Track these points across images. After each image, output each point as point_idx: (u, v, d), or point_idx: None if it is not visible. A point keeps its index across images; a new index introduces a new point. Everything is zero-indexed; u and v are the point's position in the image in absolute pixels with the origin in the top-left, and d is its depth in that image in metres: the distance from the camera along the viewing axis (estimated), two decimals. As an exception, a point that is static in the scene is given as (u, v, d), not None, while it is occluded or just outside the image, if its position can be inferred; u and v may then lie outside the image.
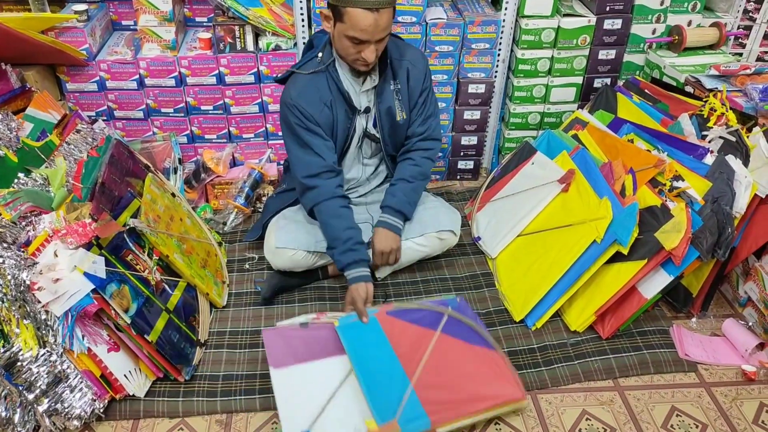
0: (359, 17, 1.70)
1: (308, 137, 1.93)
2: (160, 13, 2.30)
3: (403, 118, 2.03)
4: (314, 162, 1.93)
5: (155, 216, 1.96)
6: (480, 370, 1.76)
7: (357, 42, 1.76)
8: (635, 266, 1.88)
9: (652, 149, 2.10)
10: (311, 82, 1.92)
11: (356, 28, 1.72)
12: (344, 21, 1.73)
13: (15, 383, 1.55)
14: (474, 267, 2.26)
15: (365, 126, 2.04)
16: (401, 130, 2.07)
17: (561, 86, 2.59)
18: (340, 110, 1.95)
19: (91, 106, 2.42)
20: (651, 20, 2.50)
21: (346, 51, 1.81)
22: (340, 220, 1.93)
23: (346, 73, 1.95)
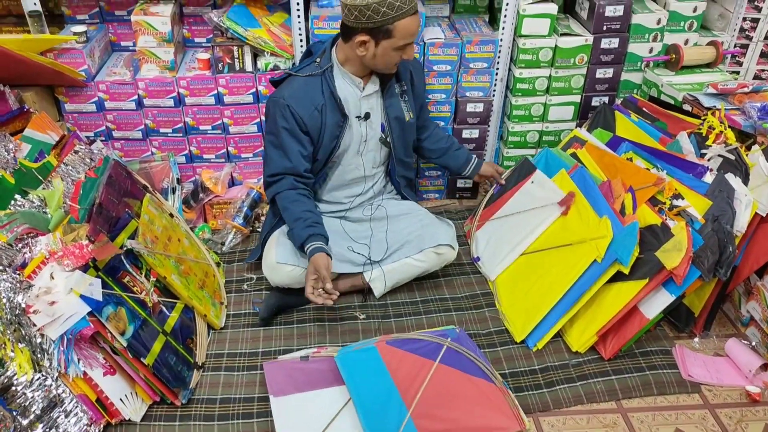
0: (408, 25, 1.82)
1: (287, 140, 1.96)
2: (159, 35, 2.30)
3: (411, 117, 2.10)
4: (282, 164, 1.99)
5: (153, 237, 1.95)
6: (478, 402, 1.75)
7: (404, 47, 1.86)
8: (636, 286, 1.87)
9: (651, 168, 2.10)
10: (305, 85, 1.96)
11: (408, 35, 1.84)
12: (393, 35, 1.82)
13: (9, 408, 1.53)
14: (474, 287, 2.25)
15: (366, 133, 2.04)
16: (410, 131, 2.14)
17: (559, 105, 2.60)
18: (331, 116, 1.97)
19: (90, 127, 2.42)
20: (648, 39, 2.51)
21: (392, 61, 1.91)
22: (299, 204, 1.99)
23: (344, 80, 1.98)
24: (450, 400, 1.74)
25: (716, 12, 2.62)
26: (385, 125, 2.08)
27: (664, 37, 2.51)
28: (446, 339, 1.90)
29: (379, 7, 1.77)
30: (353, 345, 1.89)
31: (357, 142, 2.07)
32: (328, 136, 2.00)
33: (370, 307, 2.15)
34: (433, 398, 1.74)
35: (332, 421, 1.69)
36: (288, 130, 1.95)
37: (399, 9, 1.78)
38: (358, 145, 2.08)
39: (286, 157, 1.98)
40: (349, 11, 1.81)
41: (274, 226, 2.17)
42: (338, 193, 2.19)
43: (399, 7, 1.78)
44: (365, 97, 2.01)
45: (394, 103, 2.06)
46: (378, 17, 1.78)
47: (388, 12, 1.77)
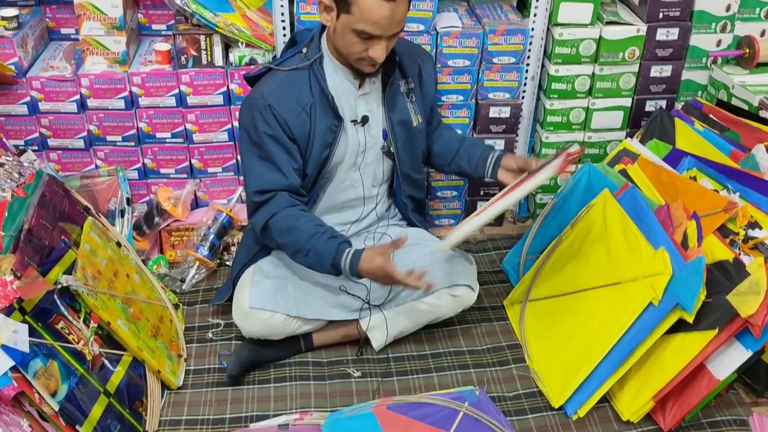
0: (373, 7, 1.74)
1: (273, 148, 1.95)
2: (107, 20, 2.32)
3: (420, 122, 2.10)
4: (273, 178, 1.96)
5: (95, 271, 1.95)
6: None
7: (366, 37, 1.80)
8: (703, 338, 1.86)
9: (720, 189, 2.10)
10: (289, 81, 1.97)
11: (368, 20, 1.76)
12: (352, 12, 1.77)
13: None
14: (498, 337, 2.24)
15: (364, 142, 2.05)
16: (418, 139, 2.14)
17: (605, 110, 2.61)
18: (321, 118, 1.97)
19: (20, 134, 2.43)
20: (715, 29, 2.53)
21: (350, 48, 1.85)
22: (307, 219, 1.96)
23: (337, 74, 1.99)
24: None
25: (799, -4, 2.64)
26: (388, 131, 2.08)
27: (735, 27, 2.53)
28: (463, 404, 1.88)
29: None
30: (345, 410, 1.87)
31: (353, 152, 2.07)
32: (319, 144, 1.99)
33: (367, 363, 2.14)
34: None
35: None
36: (272, 137, 1.94)
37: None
38: (354, 157, 2.08)
39: (278, 170, 1.96)
40: None
41: (249, 260, 2.16)
42: (330, 219, 2.18)
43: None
44: (362, 96, 2.02)
45: (398, 104, 2.06)
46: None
47: None
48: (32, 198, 1.95)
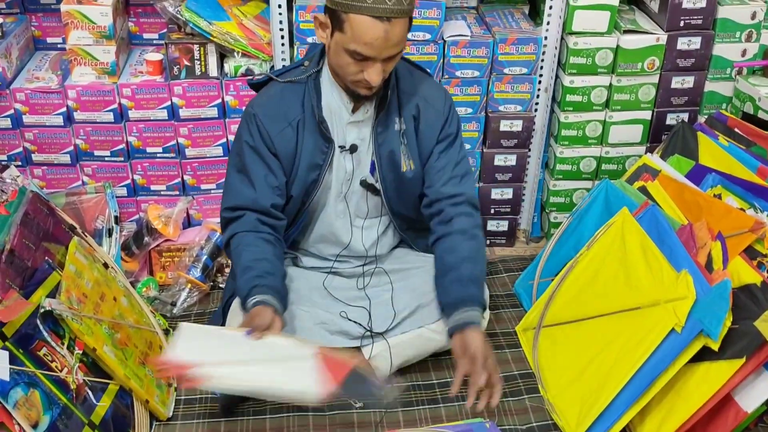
0: (365, 27, 1.73)
1: (251, 161, 1.97)
2: (96, 29, 2.34)
3: (410, 168, 2.04)
4: (245, 194, 1.98)
5: (80, 294, 1.94)
6: None
7: (360, 58, 1.79)
8: (729, 367, 1.84)
9: (746, 207, 2.10)
10: (281, 94, 1.98)
11: (360, 40, 1.75)
12: (345, 31, 1.76)
13: None
14: (510, 366, 2.24)
15: (351, 171, 2.04)
16: (411, 186, 2.08)
17: (623, 123, 2.61)
18: (310, 137, 1.97)
19: (2, 148, 2.44)
20: (740, 38, 2.53)
21: (344, 69, 1.84)
22: (253, 249, 1.94)
23: (332, 94, 1.98)
24: None
25: (829, 3, 2.65)
26: (376, 165, 2.05)
27: (761, 35, 2.54)
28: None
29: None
30: None
31: (340, 179, 2.06)
32: (306, 163, 1.99)
33: (369, 393, 2.13)
34: None
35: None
36: (253, 148, 1.96)
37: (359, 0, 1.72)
38: (340, 185, 2.07)
39: (250, 183, 1.98)
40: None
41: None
42: (323, 247, 2.19)
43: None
44: (354, 123, 2.00)
45: (389, 140, 2.01)
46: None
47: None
48: (15, 216, 1.96)
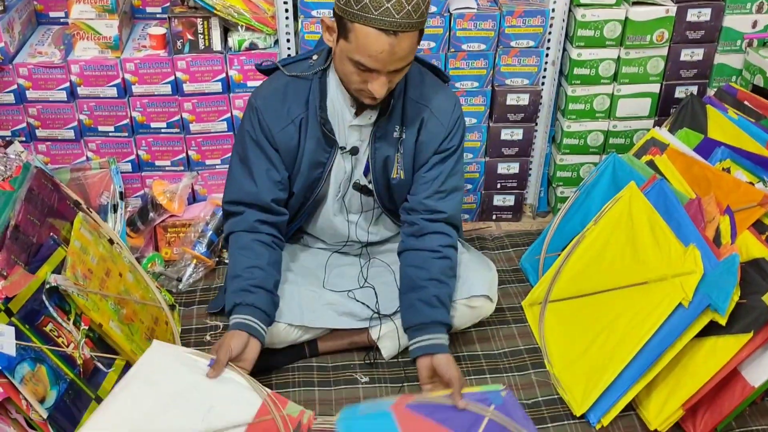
0: (371, 39, 1.68)
1: (253, 153, 1.96)
2: (99, 2, 2.33)
3: (400, 177, 2.02)
4: (246, 189, 1.98)
5: (85, 270, 1.95)
6: None
7: (364, 69, 1.74)
8: (737, 341, 1.84)
9: (756, 181, 2.09)
10: (287, 88, 1.96)
11: (364, 52, 1.70)
12: (350, 40, 1.72)
13: None
14: (516, 340, 2.24)
15: (351, 171, 2.04)
16: (399, 191, 2.07)
17: (631, 96, 2.61)
18: (312, 135, 1.96)
19: (6, 124, 2.44)
20: (751, 9, 2.51)
21: (348, 78, 1.81)
22: (248, 255, 1.95)
23: (337, 94, 1.95)
24: None
25: (842, -27, 2.63)
26: (370, 167, 2.03)
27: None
28: (489, 407, 1.84)
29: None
30: (361, 407, 1.85)
31: (338, 179, 2.05)
32: (309, 161, 1.98)
33: (376, 367, 2.14)
34: None
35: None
36: (255, 140, 1.95)
37: (364, 8, 1.65)
38: (338, 184, 2.06)
39: (251, 177, 1.97)
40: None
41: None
42: (325, 237, 2.22)
43: (365, 6, 1.65)
44: (355, 126, 1.98)
45: (386, 145, 1.99)
46: (341, 3, 1.71)
47: (351, 4, 1.67)
48: (19, 192, 1.96)
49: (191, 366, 1.81)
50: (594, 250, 2.19)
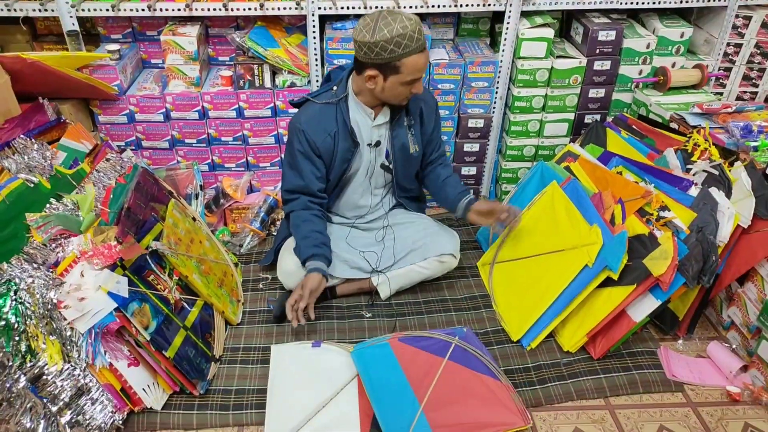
0: (417, 61, 1.77)
1: (301, 162, 1.96)
2: (186, 53, 2.30)
3: (416, 150, 2.05)
4: (296, 182, 1.99)
5: (176, 239, 1.94)
6: (485, 398, 1.73)
7: (412, 82, 1.81)
8: (625, 291, 1.84)
9: (639, 181, 2.07)
10: (320, 112, 1.94)
11: (414, 71, 1.79)
12: (401, 71, 1.77)
13: (40, 396, 1.52)
14: (473, 289, 2.22)
15: (375, 159, 2.03)
16: (414, 162, 2.09)
17: (554, 122, 2.57)
18: (343, 142, 1.95)
19: (121, 137, 2.42)
20: (638, 62, 2.48)
21: (400, 96, 1.86)
22: (309, 224, 1.97)
23: (357, 110, 1.95)
24: (459, 396, 1.72)
25: (702, 37, 2.59)
26: (390, 153, 2.05)
27: (653, 60, 2.48)
28: (455, 337, 1.88)
29: (386, 45, 1.72)
30: (368, 341, 1.87)
31: (366, 166, 2.05)
32: (340, 159, 1.98)
33: (376, 307, 2.13)
34: (443, 394, 1.72)
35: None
36: (302, 153, 1.95)
37: (405, 47, 1.73)
38: (366, 170, 2.06)
39: (300, 176, 1.98)
40: (359, 47, 1.78)
41: (286, 236, 2.16)
42: (348, 211, 2.19)
43: (406, 45, 1.72)
44: (376, 126, 1.99)
45: (400, 133, 2.01)
46: (385, 54, 1.73)
47: (395, 50, 1.73)
48: (130, 184, 1.95)
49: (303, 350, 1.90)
50: (527, 228, 2.18)
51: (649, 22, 2.53)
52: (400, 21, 1.72)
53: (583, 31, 2.44)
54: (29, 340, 1.53)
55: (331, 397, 1.73)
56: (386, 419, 1.63)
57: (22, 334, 1.52)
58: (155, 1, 2.22)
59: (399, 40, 1.72)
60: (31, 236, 1.69)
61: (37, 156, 1.90)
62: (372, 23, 1.73)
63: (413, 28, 1.73)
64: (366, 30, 1.74)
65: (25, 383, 1.51)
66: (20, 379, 1.51)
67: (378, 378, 1.73)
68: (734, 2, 2.42)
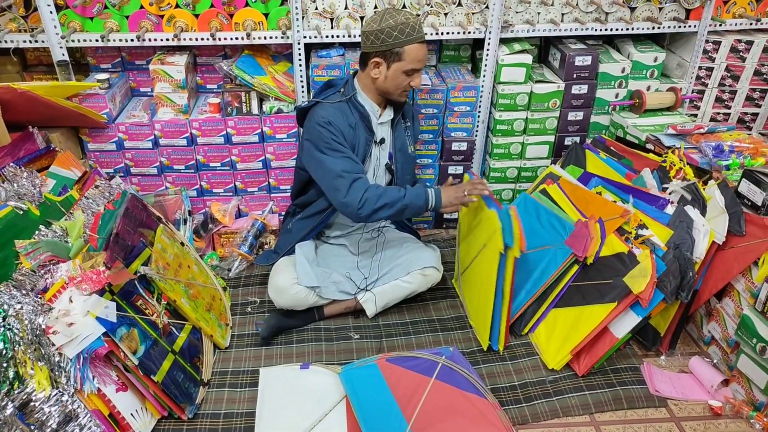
0: (417, 50, 1.92)
1: (341, 147, 1.96)
2: (174, 81, 2.34)
3: (412, 151, 2.17)
4: (351, 165, 1.95)
5: (165, 264, 1.95)
6: (472, 417, 1.74)
7: (411, 72, 1.93)
8: (606, 308, 1.87)
9: (618, 200, 2.12)
10: (338, 109, 2.01)
11: (416, 59, 1.93)
12: (403, 58, 1.92)
13: (27, 423, 1.51)
14: (459, 309, 2.24)
15: (379, 158, 2.11)
16: (411, 163, 2.20)
17: (535, 144, 2.63)
18: (361, 134, 2.03)
19: (110, 164, 2.44)
20: (614, 86, 2.55)
21: (399, 85, 1.97)
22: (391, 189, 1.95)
23: (365, 105, 2.04)
24: (446, 415, 1.73)
25: (675, 61, 2.68)
26: (393, 154, 2.15)
27: (628, 83, 2.56)
28: (441, 357, 1.89)
29: (391, 31, 1.88)
30: (356, 362, 1.88)
31: (372, 164, 2.12)
32: (361, 151, 2.04)
33: (363, 328, 2.14)
34: (430, 413, 1.72)
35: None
36: (338, 141, 1.95)
37: (408, 35, 1.89)
38: (372, 168, 2.12)
39: (352, 161, 1.95)
40: (367, 37, 1.93)
41: (289, 251, 2.16)
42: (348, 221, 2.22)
43: (408, 33, 1.89)
44: (380, 124, 2.08)
45: (400, 135, 2.14)
46: (390, 41, 1.89)
47: (399, 36, 1.88)
48: (119, 210, 1.97)
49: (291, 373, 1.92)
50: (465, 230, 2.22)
51: (623, 47, 2.61)
52: (404, 14, 1.91)
53: (560, 56, 2.52)
54: (17, 366, 1.53)
55: (319, 418, 1.73)
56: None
57: (10, 361, 1.52)
58: (144, 31, 2.27)
59: (403, 27, 1.89)
60: (20, 263, 1.70)
61: (26, 183, 1.92)
62: (379, 16, 1.92)
63: (415, 21, 1.91)
64: (374, 21, 1.93)
65: (12, 410, 1.50)
66: (7, 406, 1.50)
67: (366, 399, 1.74)
68: (703, 28, 2.51)
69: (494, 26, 2.40)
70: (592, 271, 1.96)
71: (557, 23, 2.44)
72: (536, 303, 2.07)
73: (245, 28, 2.30)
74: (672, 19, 2.50)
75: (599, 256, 1.96)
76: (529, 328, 2.08)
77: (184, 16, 2.28)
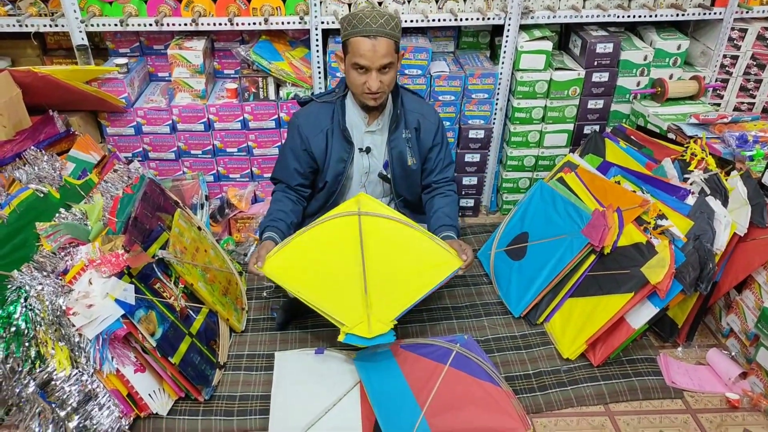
0: (359, 43, 1.78)
1: (288, 157, 2.01)
2: (192, 67, 2.35)
3: (414, 163, 2.04)
4: (278, 173, 2.06)
5: (182, 247, 1.97)
6: (486, 404, 1.74)
7: (362, 70, 1.81)
8: (623, 299, 1.86)
9: (637, 190, 2.10)
10: (318, 110, 1.99)
11: (357, 53, 1.79)
12: (349, 51, 1.82)
13: (49, 401, 1.55)
14: (474, 297, 2.25)
15: (369, 167, 2.05)
16: (414, 176, 2.08)
17: (554, 132, 2.61)
18: (337, 140, 1.98)
19: (128, 148, 2.46)
20: (636, 73, 2.52)
21: (355, 82, 1.86)
22: (278, 204, 2.02)
23: (353, 110, 1.99)
24: (460, 402, 1.73)
25: (698, 49, 2.63)
26: (389, 163, 2.05)
27: (650, 71, 2.52)
28: (456, 344, 1.89)
29: (343, 22, 1.82)
30: (370, 348, 1.87)
31: (359, 172, 2.06)
32: (335, 159, 1.99)
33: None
34: (444, 399, 1.73)
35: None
36: (292, 150, 2.00)
37: (354, 26, 1.78)
38: (360, 176, 2.07)
39: (283, 169, 2.04)
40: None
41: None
42: None
43: (354, 25, 1.78)
44: (369, 132, 2.01)
45: (399, 144, 2.01)
46: (343, 31, 1.83)
47: (347, 28, 1.81)
48: (137, 194, 1.99)
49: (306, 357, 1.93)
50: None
51: (646, 34, 2.57)
52: (367, 7, 1.81)
53: (581, 43, 2.48)
54: (38, 346, 1.57)
55: (333, 403, 1.75)
56: (388, 425, 1.64)
57: (31, 340, 1.56)
58: (162, 16, 2.28)
59: (350, 19, 1.80)
60: (41, 245, 1.72)
61: (46, 167, 1.95)
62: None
63: (371, 15, 1.77)
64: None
65: (34, 388, 1.54)
66: (30, 385, 1.54)
67: (380, 384, 1.75)
68: (729, 15, 2.46)
69: (514, 12, 2.37)
70: (610, 260, 1.95)
71: (578, 9, 2.41)
72: (552, 292, 2.06)
73: (263, 13, 2.30)
74: (697, 6, 2.46)
75: (617, 246, 1.94)
76: (544, 318, 2.08)
77: (202, 1, 2.29)
